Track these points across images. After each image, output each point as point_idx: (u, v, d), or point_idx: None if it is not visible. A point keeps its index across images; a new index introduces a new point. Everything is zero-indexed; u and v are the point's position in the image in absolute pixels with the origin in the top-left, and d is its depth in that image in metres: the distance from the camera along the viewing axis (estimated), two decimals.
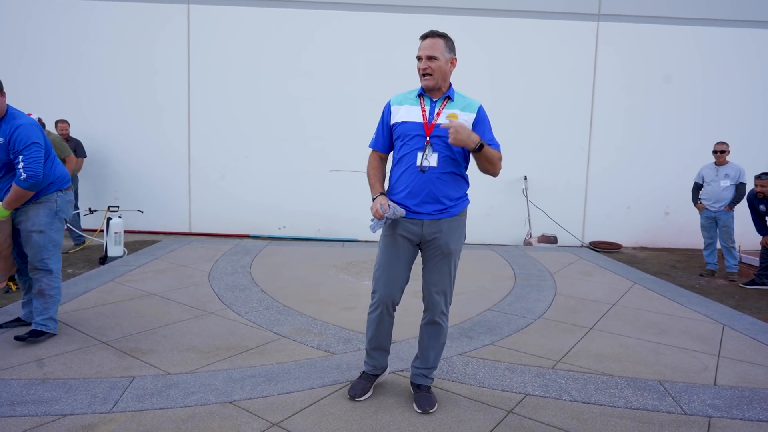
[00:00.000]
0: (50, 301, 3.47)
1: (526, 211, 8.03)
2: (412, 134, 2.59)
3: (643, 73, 8.02)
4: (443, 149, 2.56)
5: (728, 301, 5.14)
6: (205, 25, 7.72)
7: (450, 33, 2.65)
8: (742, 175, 6.19)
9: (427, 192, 2.58)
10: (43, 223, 3.41)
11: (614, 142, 8.12)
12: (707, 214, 6.38)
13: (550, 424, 2.58)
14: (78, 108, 7.68)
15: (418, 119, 2.59)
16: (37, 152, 3.26)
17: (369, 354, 2.86)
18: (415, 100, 2.64)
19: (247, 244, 7.06)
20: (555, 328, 4.04)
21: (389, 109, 2.70)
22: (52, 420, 2.46)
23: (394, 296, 2.71)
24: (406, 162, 2.61)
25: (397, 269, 2.68)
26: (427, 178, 2.56)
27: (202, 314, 4.09)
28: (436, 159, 2.56)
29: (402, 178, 2.62)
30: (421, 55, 2.57)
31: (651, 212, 8.16)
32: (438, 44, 2.55)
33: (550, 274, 5.86)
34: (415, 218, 2.61)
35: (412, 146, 2.59)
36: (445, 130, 2.49)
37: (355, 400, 2.74)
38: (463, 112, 2.60)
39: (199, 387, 2.85)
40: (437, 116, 2.58)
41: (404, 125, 2.61)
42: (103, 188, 7.85)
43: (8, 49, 7.61)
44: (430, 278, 2.71)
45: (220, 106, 7.86)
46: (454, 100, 2.63)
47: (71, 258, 6.08)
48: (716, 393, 2.98)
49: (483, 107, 2.66)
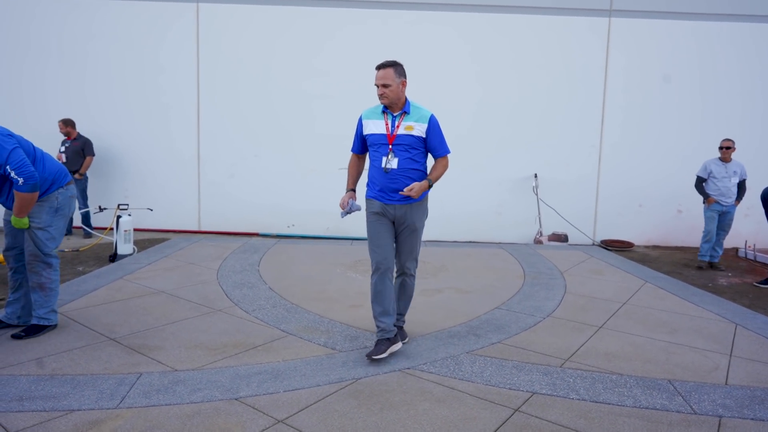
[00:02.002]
0: (50, 294, 3.52)
1: (537, 209, 7.97)
2: (378, 143, 3.30)
3: (656, 69, 7.91)
4: (403, 153, 3.25)
5: (742, 300, 5.06)
6: (215, 24, 7.75)
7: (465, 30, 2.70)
8: (745, 172, 6.48)
9: (392, 187, 3.25)
10: (45, 220, 3.44)
11: (626, 139, 8.02)
12: (718, 208, 6.45)
13: (557, 422, 2.55)
14: (86, 107, 7.76)
15: (382, 131, 3.29)
16: (19, 155, 3.24)
17: (377, 319, 3.33)
18: (380, 115, 3.32)
19: (256, 243, 7.09)
20: (564, 326, 4.00)
21: (361, 123, 3.41)
22: (59, 415, 2.48)
23: (388, 261, 3.31)
24: (375, 165, 3.32)
25: (384, 238, 3.34)
26: (390, 176, 3.25)
27: (210, 312, 4.11)
28: (397, 162, 3.24)
29: (375, 177, 3.34)
30: (378, 84, 3.20)
31: (663, 210, 8.05)
32: (389, 73, 3.19)
33: (560, 272, 5.81)
34: (388, 203, 3.31)
35: (379, 153, 3.29)
36: (403, 138, 3.23)
37: (371, 358, 3.17)
38: (417, 123, 3.26)
39: (206, 384, 2.86)
40: (397, 128, 3.27)
41: (373, 136, 3.33)
42: (113, 186, 7.92)
43: (14, 47, 7.70)
44: (402, 249, 3.43)
45: (229, 104, 7.89)
46: (410, 113, 3.28)
47: (81, 256, 6.15)
48: (727, 393, 2.93)
49: (434, 116, 3.31)
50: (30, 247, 3.45)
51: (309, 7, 7.71)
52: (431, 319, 4.09)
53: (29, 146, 3.47)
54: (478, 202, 8.04)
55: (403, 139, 3.23)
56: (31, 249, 3.45)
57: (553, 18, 7.81)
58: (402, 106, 3.28)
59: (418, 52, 7.72)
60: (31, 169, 3.26)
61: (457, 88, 7.86)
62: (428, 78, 7.79)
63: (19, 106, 7.75)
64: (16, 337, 3.38)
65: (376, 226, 3.35)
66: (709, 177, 6.49)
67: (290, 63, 7.79)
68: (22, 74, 7.74)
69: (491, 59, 7.85)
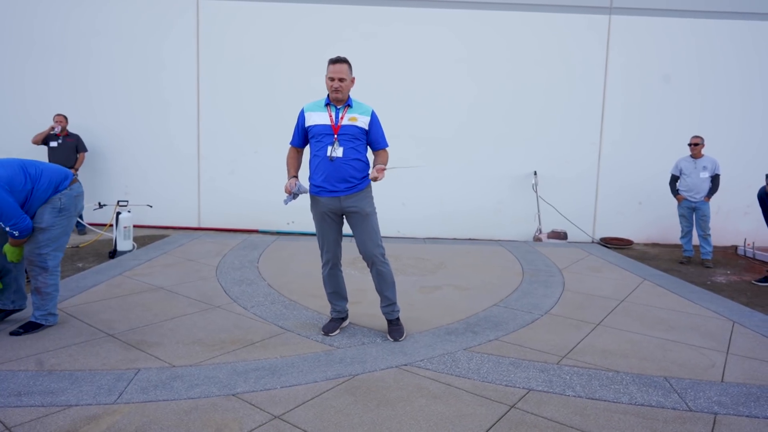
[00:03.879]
0: (47, 298, 3.50)
1: (536, 206, 7.97)
2: (322, 133, 3.39)
3: (656, 67, 7.90)
4: (347, 143, 3.37)
5: (739, 298, 5.06)
6: (215, 20, 7.74)
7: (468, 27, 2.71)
8: (717, 167, 6.59)
9: (337, 175, 3.35)
10: (46, 221, 3.42)
11: (625, 137, 8.01)
12: (687, 204, 6.73)
13: (553, 419, 2.56)
14: (87, 103, 7.77)
15: (326, 122, 3.39)
16: (7, 205, 3.18)
17: (331, 302, 3.71)
18: (323, 108, 3.43)
19: (256, 239, 7.10)
20: (561, 323, 4.01)
21: (303, 115, 3.49)
22: (57, 410, 2.50)
23: (336, 254, 3.57)
24: (320, 155, 3.39)
25: (331, 234, 3.52)
26: (336, 165, 3.35)
27: (209, 308, 4.12)
28: (342, 151, 3.35)
29: (318, 167, 3.40)
30: (334, 77, 3.33)
31: (663, 208, 8.03)
32: (344, 68, 3.35)
33: (559, 270, 5.81)
34: (333, 195, 3.39)
35: (323, 143, 3.38)
36: (348, 128, 3.38)
37: (328, 335, 3.57)
38: (361, 116, 3.42)
39: (203, 379, 2.87)
40: (342, 119, 3.40)
41: (316, 127, 3.41)
42: (113, 183, 7.93)
43: (17, 44, 7.70)
44: (360, 237, 3.47)
45: (229, 101, 7.89)
46: (352, 107, 3.43)
47: (81, 252, 6.16)
48: (723, 390, 2.94)
49: (374, 111, 3.49)
50: (27, 248, 3.44)
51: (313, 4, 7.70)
52: (429, 316, 4.10)
53: (21, 174, 3.32)
54: (477, 199, 8.04)
55: (348, 129, 3.37)
56: (27, 250, 3.44)
57: (552, 15, 7.79)
58: (346, 100, 3.43)
59: (420, 51, 7.72)
60: (25, 224, 3.28)
61: (455, 85, 7.85)
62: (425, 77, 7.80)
63: (20, 102, 7.76)
64: (15, 334, 3.38)
65: (322, 226, 3.51)
66: (680, 174, 6.76)
67: (291, 59, 7.78)
68: (25, 71, 7.74)
69: (514, 56, 7.84)
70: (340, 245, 3.60)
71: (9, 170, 3.30)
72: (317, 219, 3.52)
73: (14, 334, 3.39)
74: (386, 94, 7.40)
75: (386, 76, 7.62)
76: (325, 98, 3.45)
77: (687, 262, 6.75)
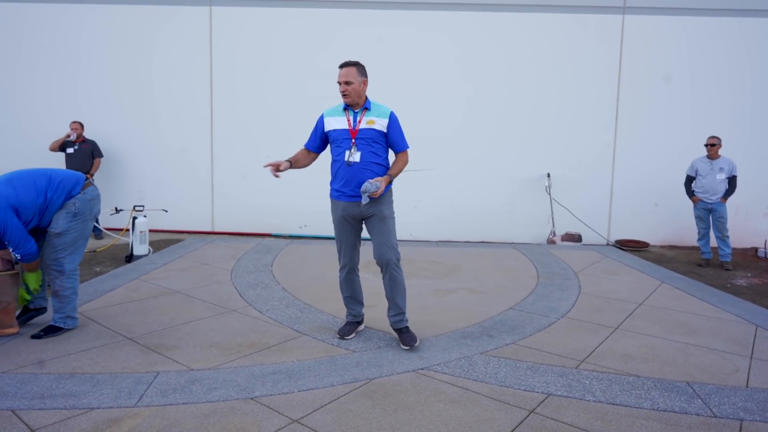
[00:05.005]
0: (65, 301, 3.53)
1: (550, 208, 7.91)
2: (341, 138, 3.39)
3: (669, 67, 7.81)
4: (365, 147, 3.35)
5: (762, 301, 4.97)
6: (228, 25, 7.81)
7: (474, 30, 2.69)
8: (734, 168, 6.49)
9: (356, 180, 3.34)
10: (61, 226, 3.45)
11: (640, 137, 7.92)
12: (703, 205, 6.61)
13: (573, 424, 2.53)
14: (104, 108, 7.87)
15: (344, 126, 3.40)
16: (13, 229, 3.21)
17: (347, 305, 3.70)
18: (342, 112, 3.44)
19: (269, 243, 7.13)
20: (579, 327, 3.97)
21: (323, 120, 3.50)
22: (80, 413, 2.52)
23: (354, 258, 3.58)
24: (339, 160, 3.41)
25: (349, 239, 3.53)
26: (354, 170, 3.34)
27: (225, 312, 4.14)
28: (360, 156, 3.33)
29: (338, 172, 3.44)
30: (341, 81, 3.33)
31: (679, 209, 7.92)
32: (352, 72, 3.32)
33: (574, 272, 5.76)
34: (352, 200, 3.39)
35: (342, 147, 3.39)
36: (366, 132, 3.35)
37: (344, 338, 3.57)
38: (379, 118, 3.38)
39: (221, 383, 2.88)
40: (359, 123, 3.38)
41: (335, 132, 3.43)
42: (129, 188, 8.01)
43: (32, 53, 7.83)
44: (376, 240, 3.43)
45: (242, 106, 7.94)
46: (370, 109, 3.41)
47: (98, 257, 6.23)
48: (748, 395, 2.88)
49: (394, 113, 3.44)
50: (45, 253, 3.49)
51: (322, 8, 7.74)
52: (444, 319, 4.08)
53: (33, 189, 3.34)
54: (489, 201, 8.00)
55: (366, 133, 3.35)
56: (45, 254, 3.49)
57: (565, 16, 7.74)
58: (363, 103, 3.41)
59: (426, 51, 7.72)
60: (27, 246, 3.30)
61: (465, 87, 7.83)
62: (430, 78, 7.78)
63: (36, 109, 7.88)
64: (36, 337, 3.43)
65: (341, 230, 3.52)
66: (696, 175, 6.66)
67: (304, 64, 7.82)
68: (38, 78, 7.86)
69: (515, 57, 7.81)
70: (358, 250, 3.59)
71: (19, 187, 3.30)
72: (336, 223, 3.53)
73: (35, 338, 3.43)
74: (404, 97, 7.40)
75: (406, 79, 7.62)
76: (343, 103, 3.45)
77: (705, 264, 6.65)
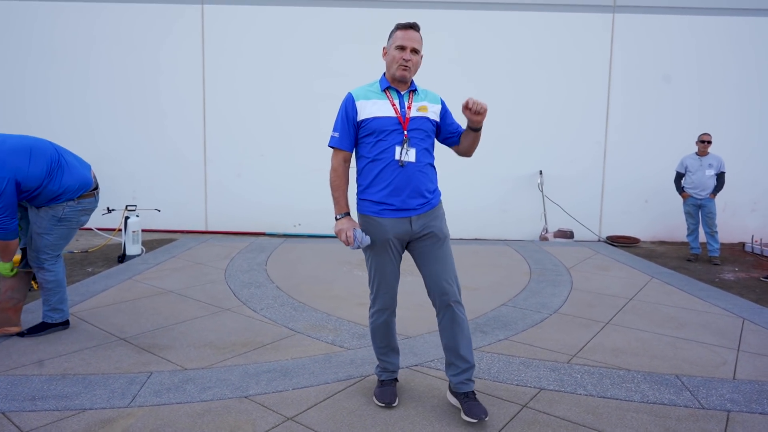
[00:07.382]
0: (49, 293, 3.52)
1: (542, 206, 7.96)
2: (388, 129, 2.47)
3: (659, 65, 7.88)
4: (420, 143, 2.50)
5: (749, 295, 5.04)
6: (220, 25, 7.79)
7: (472, 29, 2.65)
8: (722, 165, 6.61)
9: (412, 187, 2.48)
10: (43, 227, 3.40)
11: (631, 135, 8.00)
12: (693, 201, 6.73)
13: (565, 418, 2.56)
14: (96, 107, 7.82)
15: (391, 114, 2.49)
16: (5, 199, 3.11)
17: (381, 358, 2.74)
18: (381, 94, 2.53)
19: (263, 242, 7.12)
20: (571, 322, 4.01)
21: (354, 104, 2.52)
22: (72, 414, 2.52)
23: (395, 297, 2.65)
24: (384, 158, 2.47)
25: (393, 272, 2.59)
26: (408, 173, 2.47)
27: (219, 311, 4.14)
28: (414, 153, 2.48)
29: (381, 176, 2.48)
30: (406, 46, 2.45)
31: (669, 206, 8.00)
32: (419, 38, 2.51)
33: (566, 269, 5.81)
34: (402, 216, 2.49)
35: (390, 142, 2.47)
36: (419, 121, 2.51)
37: (391, 406, 2.64)
38: (432, 104, 2.60)
39: (215, 382, 2.88)
40: (408, 110, 2.52)
41: (378, 120, 2.48)
42: (121, 188, 7.96)
43: (16, 52, 7.76)
44: (434, 269, 2.53)
45: (234, 105, 7.93)
46: (418, 92, 2.59)
47: (90, 257, 6.20)
48: (735, 387, 2.93)
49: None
50: (29, 250, 3.49)
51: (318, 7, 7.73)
52: None
53: (48, 156, 3.32)
54: (483, 199, 8.04)
55: (420, 123, 2.51)
56: (29, 252, 3.50)
57: (554, 15, 7.79)
58: (409, 84, 2.58)
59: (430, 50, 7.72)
60: (8, 222, 3.16)
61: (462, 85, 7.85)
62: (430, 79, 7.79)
63: (21, 108, 7.82)
64: (20, 335, 3.43)
65: (383, 259, 2.55)
66: (685, 171, 6.77)
67: (298, 63, 7.81)
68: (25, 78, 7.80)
69: (507, 57, 7.84)
70: (398, 283, 2.65)
71: (33, 163, 3.24)
72: (377, 250, 2.54)
73: (20, 335, 3.44)
74: None
75: None
76: (381, 80, 2.58)
77: (695, 259, 6.74)
